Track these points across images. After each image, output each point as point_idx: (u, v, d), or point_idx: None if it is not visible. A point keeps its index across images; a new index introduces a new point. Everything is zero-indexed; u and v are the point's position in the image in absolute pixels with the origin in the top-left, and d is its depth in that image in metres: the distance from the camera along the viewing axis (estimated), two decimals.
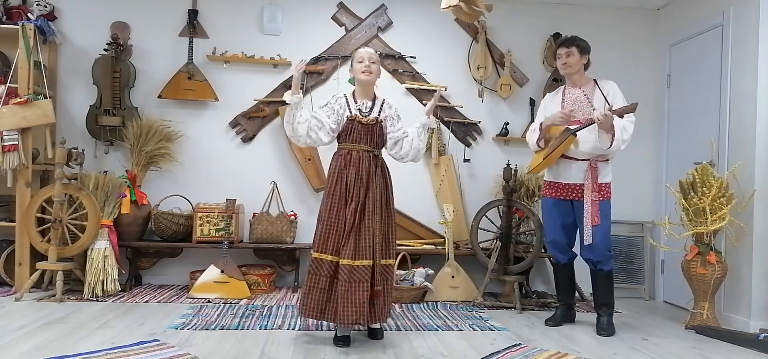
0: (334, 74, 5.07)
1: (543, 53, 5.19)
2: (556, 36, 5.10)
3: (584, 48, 3.78)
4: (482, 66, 5.10)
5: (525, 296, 4.58)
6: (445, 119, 5.08)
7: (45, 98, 4.43)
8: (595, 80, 3.80)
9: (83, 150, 4.52)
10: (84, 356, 2.89)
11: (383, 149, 3.48)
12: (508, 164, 4.66)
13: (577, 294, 4.44)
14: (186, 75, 4.88)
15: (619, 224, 5.09)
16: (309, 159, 4.98)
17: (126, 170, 4.68)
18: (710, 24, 4.48)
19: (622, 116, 3.55)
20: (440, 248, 4.81)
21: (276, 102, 5.00)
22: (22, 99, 4.28)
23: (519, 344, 3.38)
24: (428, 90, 5.08)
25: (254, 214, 4.80)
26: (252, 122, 5.03)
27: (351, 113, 3.37)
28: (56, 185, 4.23)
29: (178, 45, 4.94)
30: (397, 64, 5.10)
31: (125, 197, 4.50)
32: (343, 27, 5.12)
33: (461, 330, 3.69)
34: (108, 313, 3.82)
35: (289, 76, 5.00)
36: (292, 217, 4.84)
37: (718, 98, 4.34)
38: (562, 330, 3.82)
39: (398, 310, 4.19)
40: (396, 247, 3.47)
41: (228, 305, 4.17)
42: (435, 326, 3.76)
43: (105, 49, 4.77)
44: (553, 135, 3.78)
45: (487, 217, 4.75)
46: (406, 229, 4.97)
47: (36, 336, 3.25)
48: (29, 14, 4.61)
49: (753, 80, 4.01)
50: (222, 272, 4.47)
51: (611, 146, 3.57)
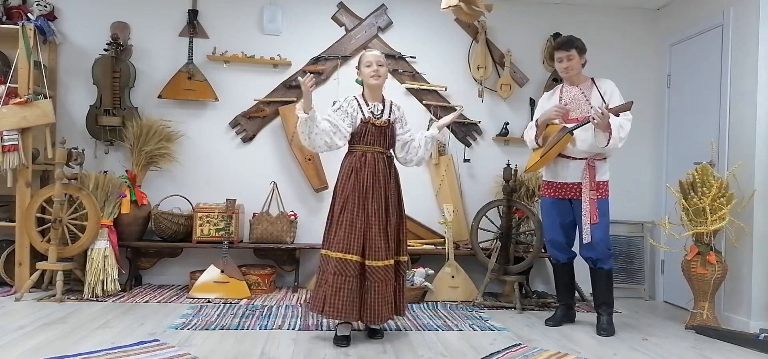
0: (334, 74, 5.06)
1: (543, 53, 5.19)
2: (556, 36, 5.09)
3: (582, 48, 3.79)
4: (482, 66, 5.10)
5: (525, 296, 4.58)
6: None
7: (45, 98, 4.43)
8: (593, 79, 3.81)
9: (83, 150, 4.52)
10: (84, 356, 2.89)
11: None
12: (508, 164, 4.66)
13: (577, 293, 4.44)
14: (186, 75, 4.88)
15: (619, 224, 5.09)
16: (309, 159, 4.98)
17: (126, 170, 4.68)
18: (710, 24, 4.48)
19: (618, 115, 3.55)
20: (440, 248, 4.81)
21: (276, 102, 5.00)
22: (22, 99, 4.28)
23: (519, 344, 3.38)
24: (428, 90, 5.09)
25: (254, 214, 4.80)
26: (252, 122, 5.03)
27: (365, 115, 3.40)
28: (56, 185, 4.23)
29: (178, 45, 4.94)
30: (397, 64, 5.10)
31: (125, 197, 4.50)
32: (343, 27, 5.12)
33: (461, 330, 3.69)
34: (108, 313, 3.82)
35: (289, 77, 5.02)
36: (292, 217, 4.84)
37: (718, 98, 4.34)
38: (562, 330, 3.82)
39: None
40: (407, 244, 3.61)
41: (228, 305, 4.17)
42: (435, 326, 3.76)
43: (105, 49, 4.77)
44: (550, 133, 3.78)
45: (487, 217, 4.75)
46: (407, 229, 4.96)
47: (36, 336, 3.25)
48: (29, 14, 4.61)
49: (753, 80, 4.01)
50: (222, 272, 4.47)
51: (608, 144, 3.57)
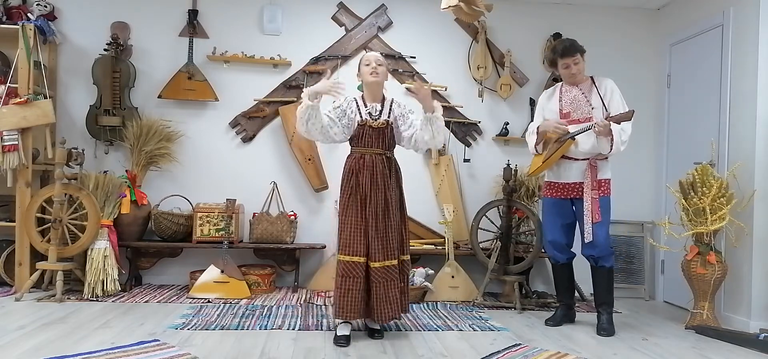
0: (334, 74, 5.07)
1: (543, 53, 5.19)
2: (556, 36, 5.10)
3: (583, 49, 3.79)
4: (482, 66, 5.10)
5: (525, 296, 4.58)
6: (446, 118, 5.05)
7: (45, 98, 4.43)
8: (592, 78, 3.81)
9: (83, 150, 4.52)
10: (84, 356, 2.89)
11: (401, 146, 3.57)
12: (508, 164, 4.66)
13: (577, 293, 4.44)
14: (186, 75, 4.88)
15: (619, 224, 5.09)
16: (309, 159, 4.98)
17: (126, 170, 4.68)
18: (710, 24, 4.48)
19: (620, 123, 3.57)
20: (440, 248, 4.81)
21: (276, 102, 5.00)
22: (22, 99, 4.28)
23: (519, 344, 3.38)
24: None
25: (254, 214, 4.80)
26: (252, 122, 5.03)
27: (362, 117, 3.43)
28: (56, 185, 4.23)
29: (178, 45, 4.94)
30: (397, 64, 5.10)
31: (125, 197, 4.50)
32: (343, 27, 5.12)
33: (461, 330, 3.69)
34: (108, 313, 3.82)
35: (290, 77, 5.02)
36: (292, 217, 4.84)
37: (718, 98, 4.34)
38: (562, 330, 3.82)
39: None
40: (409, 243, 3.64)
41: (228, 305, 4.17)
42: (435, 326, 3.76)
43: (105, 49, 4.77)
44: (552, 138, 3.79)
45: (487, 217, 4.75)
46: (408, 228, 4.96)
47: (36, 336, 3.25)
48: (29, 14, 4.61)
49: (753, 80, 4.01)
50: (222, 272, 4.47)
51: (611, 150, 3.59)
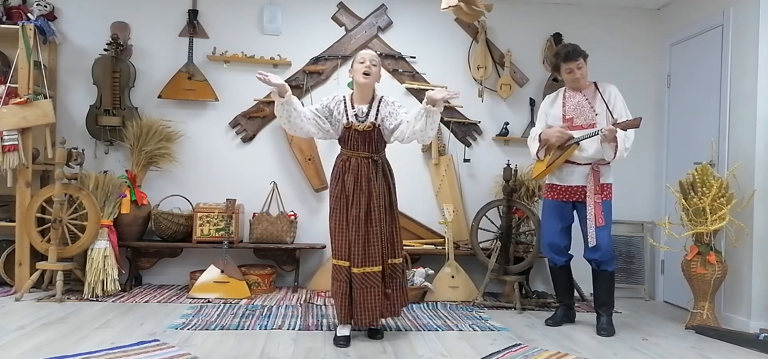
0: (334, 74, 5.07)
1: (543, 53, 5.19)
2: (556, 36, 5.10)
3: (586, 54, 3.78)
4: (482, 66, 5.10)
5: (525, 296, 4.58)
6: (445, 118, 5.08)
7: (45, 98, 4.43)
8: (596, 83, 3.80)
9: (83, 150, 4.52)
10: (84, 356, 2.89)
11: (389, 143, 3.48)
12: (508, 164, 4.66)
13: (577, 293, 4.44)
14: (186, 75, 4.88)
15: (619, 224, 5.08)
16: (309, 159, 4.98)
17: (126, 170, 4.68)
18: (710, 24, 4.48)
19: (626, 130, 3.56)
20: (440, 248, 4.81)
21: None
22: (22, 99, 4.28)
23: (519, 344, 3.38)
24: (428, 90, 5.07)
25: (254, 214, 4.80)
26: (252, 122, 5.03)
27: (347, 119, 3.36)
28: (56, 185, 4.23)
29: (178, 45, 4.94)
30: (397, 64, 5.10)
31: (125, 197, 4.50)
32: (343, 27, 5.12)
33: (461, 330, 3.69)
34: (108, 313, 3.82)
35: (290, 77, 5.02)
36: (292, 217, 4.84)
37: (718, 98, 4.34)
38: (562, 330, 3.82)
39: None
40: (402, 245, 3.54)
41: (228, 305, 4.17)
42: (435, 326, 3.76)
43: (105, 49, 4.77)
44: (555, 144, 3.78)
45: (487, 217, 4.74)
46: (406, 229, 4.95)
47: (36, 336, 3.25)
48: (29, 14, 4.61)
49: (753, 80, 4.01)
50: (222, 272, 4.47)
51: (615, 156, 3.59)
